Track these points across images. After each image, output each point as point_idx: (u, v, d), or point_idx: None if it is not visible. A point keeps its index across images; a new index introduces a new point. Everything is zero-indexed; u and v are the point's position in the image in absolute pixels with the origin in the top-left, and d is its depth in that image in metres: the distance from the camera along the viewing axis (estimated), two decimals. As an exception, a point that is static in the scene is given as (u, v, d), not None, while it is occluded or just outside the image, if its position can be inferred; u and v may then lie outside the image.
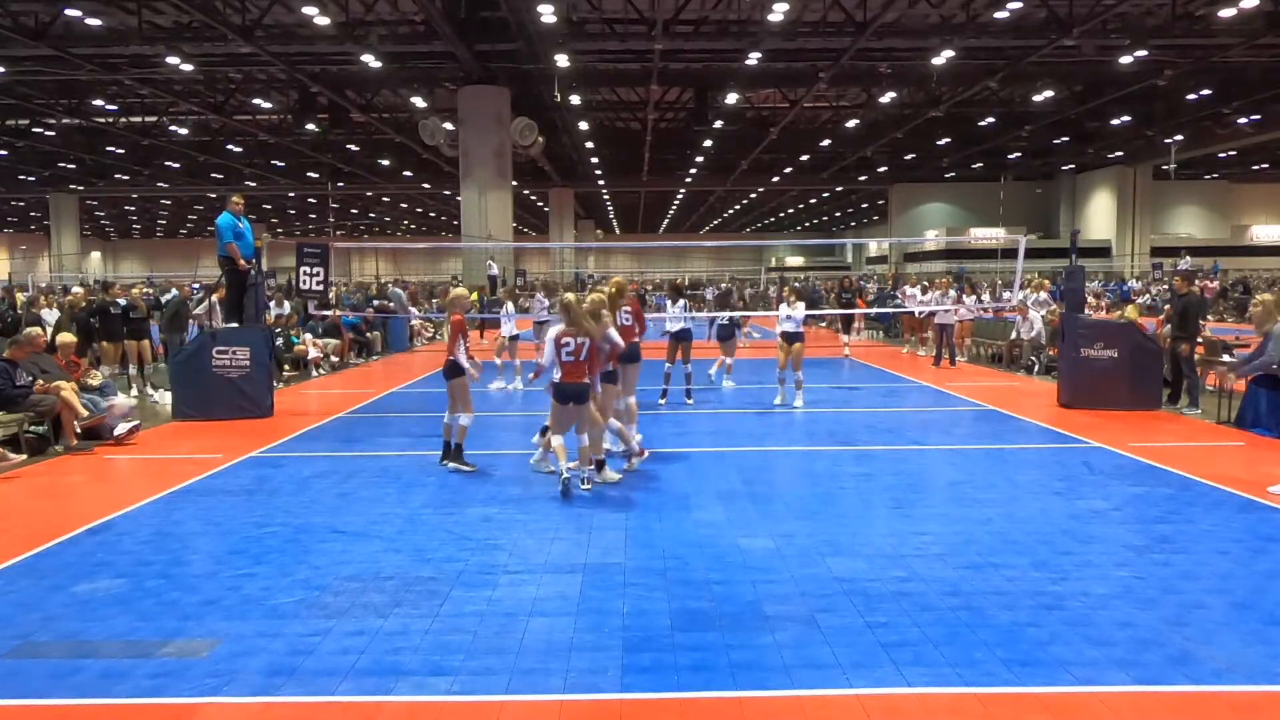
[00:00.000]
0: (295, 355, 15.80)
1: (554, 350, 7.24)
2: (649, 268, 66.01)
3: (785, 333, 11.50)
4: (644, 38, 23.32)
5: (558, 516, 6.60)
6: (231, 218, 11.71)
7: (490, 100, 27.83)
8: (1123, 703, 3.74)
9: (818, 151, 43.51)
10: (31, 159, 42.76)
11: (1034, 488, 7.38)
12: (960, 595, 4.95)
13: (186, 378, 11.23)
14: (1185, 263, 26.72)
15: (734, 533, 6.16)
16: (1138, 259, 48.78)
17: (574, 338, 7.20)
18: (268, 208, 66.09)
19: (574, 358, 7.21)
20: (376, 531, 6.27)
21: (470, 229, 28.87)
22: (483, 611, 4.77)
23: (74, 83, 29.30)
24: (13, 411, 8.87)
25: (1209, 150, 42.81)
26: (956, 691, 3.84)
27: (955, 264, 47.33)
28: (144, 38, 22.25)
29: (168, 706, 3.78)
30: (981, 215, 53.68)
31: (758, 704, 3.76)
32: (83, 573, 5.45)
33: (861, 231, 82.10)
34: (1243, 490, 7.24)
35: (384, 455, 8.95)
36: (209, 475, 8.06)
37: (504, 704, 3.77)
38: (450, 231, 71.93)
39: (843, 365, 17.48)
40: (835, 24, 23.12)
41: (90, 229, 72.83)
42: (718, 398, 12.69)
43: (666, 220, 79.88)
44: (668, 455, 8.85)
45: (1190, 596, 4.94)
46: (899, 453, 9.01)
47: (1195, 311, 11.87)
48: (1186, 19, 23.29)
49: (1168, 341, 11.98)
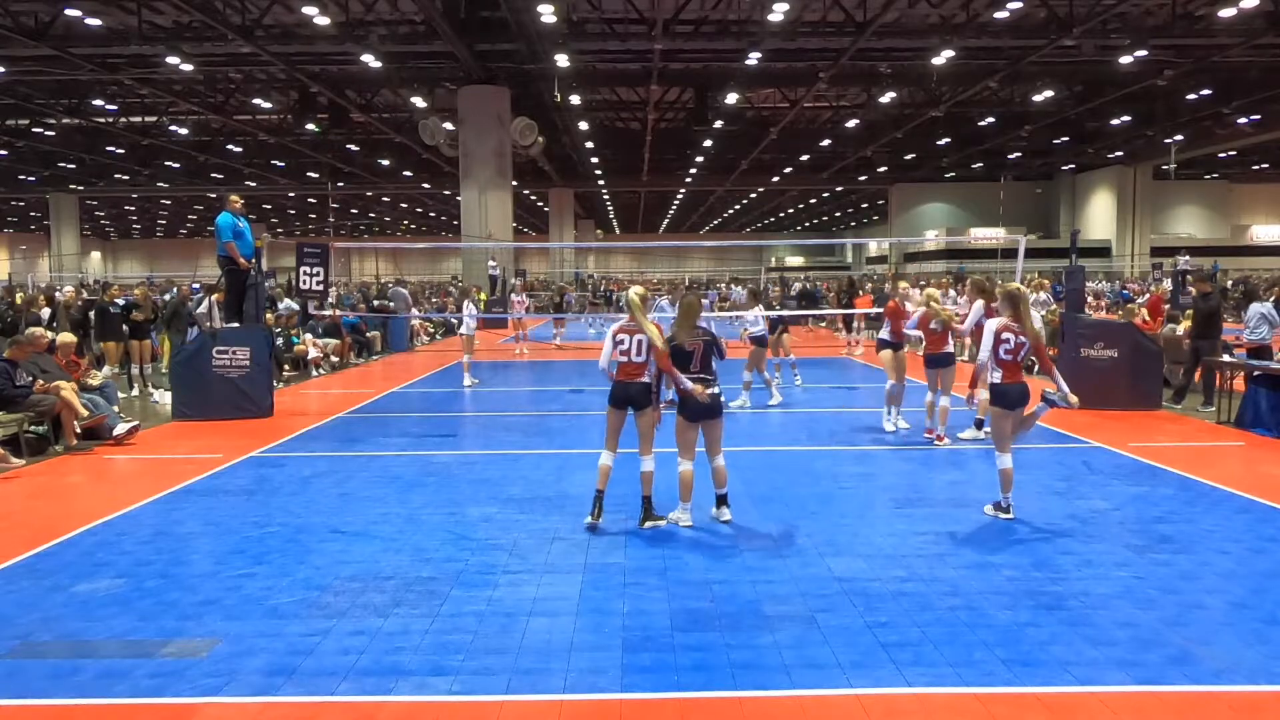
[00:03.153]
0: (295, 355, 15.80)
1: (611, 348, 6.27)
2: (649, 268, 66.04)
3: (754, 335, 11.83)
4: (644, 38, 23.32)
5: (558, 516, 6.60)
6: (231, 217, 11.71)
7: (490, 100, 27.84)
8: (1123, 703, 3.74)
9: (818, 151, 43.50)
10: (31, 159, 42.75)
11: (1034, 488, 7.38)
12: (960, 595, 4.95)
13: (186, 378, 11.23)
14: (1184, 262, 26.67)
15: (734, 533, 6.16)
16: (1138, 259, 48.76)
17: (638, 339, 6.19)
18: (268, 208, 66.06)
19: (635, 358, 6.20)
20: (376, 531, 6.27)
21: (470, 229, 28.88)
22: (483, 611, 4.77)
23: (74, 83, 29.30)
24: (13, 411, 8.87)
25: (1209, 150, 42.80)
26: (956, 691, 3.84)
27: (955, 264, 47.29)
28: (144, 38, 22.23)
29: (168, 706, 3.78)
30: (981, 215, 53.65)
31: (758, 704, 3.76)
32: (83, 573, 5.45)
33: (861, 231, 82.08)
34: (1243, 490, 7.24)
35: (384, 455, 8.94)
36: (209, 475, 8.06)
37: (504, 704, 3.77)
38: (450, 231, 71.92)
39: (843, 365, 17.47)
40: (835, 24, 23.12)
41: (90, 229, 72.81)
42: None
43: (666, 220, 79.88)
44: (668, 456, 8.83)
45: (1190, 596, 4.93)
46: (899, 453, 9.01)
47: (1219, 312, 11.86)
48: (1186, 19, 23.29)
49: (1186, 342, 11.98)
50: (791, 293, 30.55)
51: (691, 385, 6.06)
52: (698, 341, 6.14)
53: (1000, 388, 6.33)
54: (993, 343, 6.34)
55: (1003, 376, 6.31)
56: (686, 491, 6.29)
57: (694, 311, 6.29)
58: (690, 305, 6.36)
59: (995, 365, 6.33)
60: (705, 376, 6.12)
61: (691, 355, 6.13)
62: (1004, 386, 6.30)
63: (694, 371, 6.11)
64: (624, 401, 6.24)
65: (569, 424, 10.90)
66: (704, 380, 6.10)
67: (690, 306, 6.34)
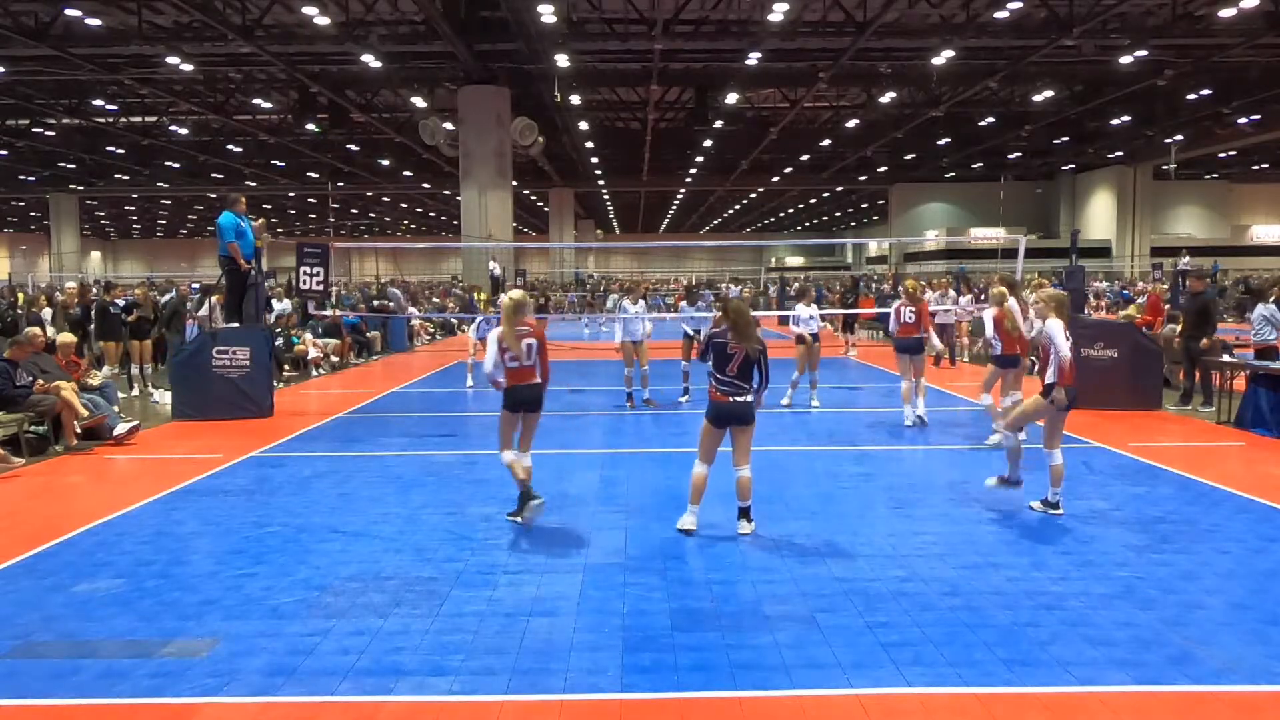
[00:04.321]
0: (295, 355, 15.80)
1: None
2: (649, 268, 66.04)
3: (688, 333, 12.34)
4: (644, 38, 23.31)
5: (557, 517, 6.59)
6: (233, 217, 11.70)
7: (490, 100, 27.83)
8: (1123, 703, 3.74)
9: (818, 151, 43.50)
10: (31, 159, 42.74)
11: (1034, 487, 7.38)
12: (960, 595, 4.95)
13: (186, 378, 11.24)
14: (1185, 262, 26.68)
15: (734, 533, 6.16)
16: (1138, 259, 48.75)
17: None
18: (268, 208, 65.98)
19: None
20: (376, 531, 6.27)
21: (470, 229, 28.87)
22: (483, 611, 4.77)
23: (74, 83, 29.28)
24: (13, 411, 8.87)
25: (1209, 150, 42.78)
26: (956, 691, 3.84)
27: (955, 264, 47.30)
28: (144, 38, 22.22)
29: (168, 706, 3.78)
30: (981, 215, 53.65)
31: (758, 704, 3.76)
32: (83, 573, 5.45)
33: (861, 231, 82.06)
34: (1243, 490, 7.24)
35: (384, 455, 8.95)
36: (209, 475, 8.06)
37: (504, 704, 3.77)
38: (450, 231, 71.90)
39: (843, 365, 17.47)
40: (835, 24, 23.11)
41: (90, 229, 72.80)
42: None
43: (666, 220, 79.88)
44: (668, 455, 8.85)
45: (1190, 596, 4.93)
46: (899, 453, 9.01)
47: (1213, 310, 11.85)
48: (1186, 19, 23.28)
49: (1178, 341, 11.96)
50: (791, 292, 30.58)
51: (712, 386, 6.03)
52: (741, 347, 5.93)
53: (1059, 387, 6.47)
54: (1065, 342, 6.47)
55: (1062, 378, 6.46)
56: (697, 494, 6.20)
57: (747, 319, 6.05)
58: (740, 311, 6.10)
59: (1057, 367, 6.48)
60: (739, 384, 5.99)
61: (733, 358, 5.96)
62: (1064, 386, 6.46)
63: (729, 374, 5.98)
64: (519, 405, 6.33)
65: (569, 424, 10.90)
66: (736, 387, 5.98)
67: (741, 313, 6.08)
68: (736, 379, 5.98)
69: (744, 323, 5.98)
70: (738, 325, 5.96)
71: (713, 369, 6.03)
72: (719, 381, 6.00)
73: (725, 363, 5.97)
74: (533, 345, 6.28)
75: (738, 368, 5.95)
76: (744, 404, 5.99)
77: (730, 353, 5.96)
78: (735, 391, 5.98)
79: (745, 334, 5.94)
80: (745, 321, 5.99)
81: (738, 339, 5.94)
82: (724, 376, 5.98)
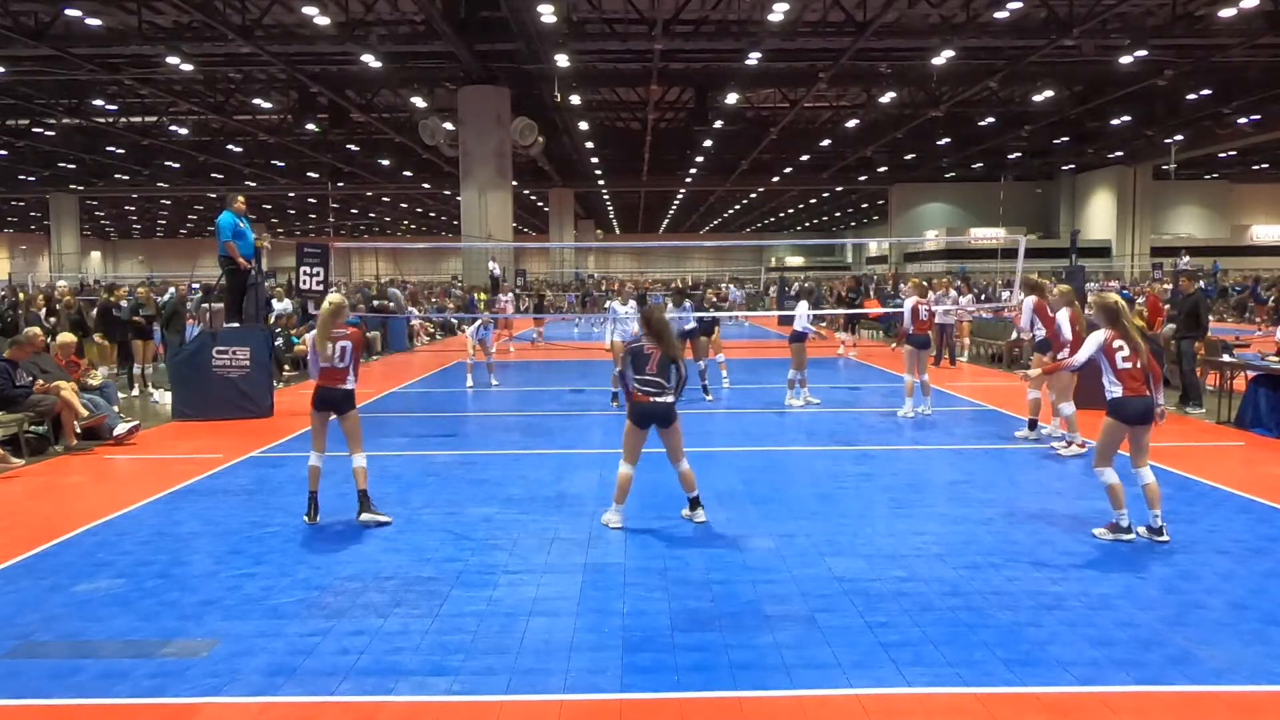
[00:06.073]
0: (295, 355, 15.80)
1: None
2: (649, 268, 66.03)
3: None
4: (644, 38, 23.33)
5: (557, 516, 6.60)
6: (233, 217, 11.71)
7: (490, 100, 27.84)
8: (1123, 703, 3.74)
9: (818, 151, 43.52)
10: (31, 159, 42.76)
11: (1034, 488, 7.38)
12: (960, 595, 4.95)
13: (186, 378, 11.24)
14: (1185, 262, 26.74)
15: (734, 533, 6.16)
16: (1138, 259, 48.75)
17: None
18: (268, 208, 66.04)
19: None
20: (376, 531, 6.27)
21: (470, 229, 28.89)
22: (483, 611, 4.77)
23: (74, 83, 29.30)
24: (13, 411, 8.87)
25: (1209, 150, 42.79)
26: (956, 691, 3.84)
27: (955, 264, 47.31)
28: (144, 38, 22.24)
29: (168, 706, 3.78)
30: (981, 215, 53.67)
31: (758, 704, 3.76)
32: (83, 573, 5.45)
33: (861, 231, 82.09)
34: (1243, 490, 7.23)
35: (384, 455, 8.93)
36: (209, 475, 8.06)
37: (504, 704, 3.77)
38: (450, 231, 71.92)
39: (843, 365, 17.47)
40: (835, 24, 23.13)
41: (90, 229, 72.83)
42: (712, 398, 12.67)
43: (666, 220, 79.89)
44: (667, 456, 8.83)
45: (1190, 596, 4.93)
46: (899, 453, 9.01)
47: (1203, 310, 11.85)
48: (1186, 19, 23.29)
49: (1170, 342, 11.95)
50: (791, 292, 30.56)
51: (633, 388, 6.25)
52: (656, 348, 6.21)
53: (1120, 400, 6.01)
54: (1103, 356, 6.04)
55: (1124, 390, 5.99)
56: (621, 494, 6.34)
57: (665, 325, 6.38)
58: (660, 319, 6.40)
59: (1115, 379, 6.01)
60: (659, 382, 6.19)
61: (650, 358, 6.22)
62: (1125, 399, 5.99)
63: (649, 373, 6.18)
64: (329, 405, 6.45)
65: (568, 424, 10.90)
66: (656, 386, 6.18)
67: (661, 320, 6.39)
68: (656, 377, 6.18)
69: (662, 329, 6.30)
70: (659, 331, 6.26)
71: (633, 372, 6.25)
72: (640, 383, 6.23)
73: (644, 363, 6.21)
74: (347, 348, 6.44)
75: (656, 366, 6.18)
76: (664, 404, 6.20)
77: (647, 353, 6.22)
78: (657, 392, 6.19)
79: (663, 339, 6.24)
80: (664, 328, 6.32)
81: (655, 343, 6.23)
82: (643, 376, 6.21)
